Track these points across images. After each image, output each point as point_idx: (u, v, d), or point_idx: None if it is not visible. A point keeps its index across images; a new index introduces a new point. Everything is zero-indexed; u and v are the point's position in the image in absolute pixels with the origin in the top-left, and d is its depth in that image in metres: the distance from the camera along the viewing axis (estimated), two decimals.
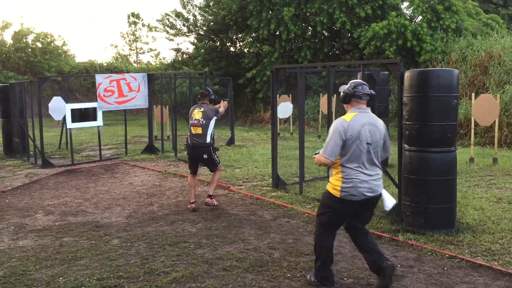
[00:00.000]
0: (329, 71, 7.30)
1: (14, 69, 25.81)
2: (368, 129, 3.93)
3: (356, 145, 3.88)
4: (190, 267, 4.60)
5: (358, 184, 3.87)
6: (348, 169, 3.91)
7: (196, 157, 6.92)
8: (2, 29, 26.42)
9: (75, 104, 11.11)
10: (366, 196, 3.91)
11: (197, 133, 6.78)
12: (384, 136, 4.06)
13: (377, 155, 4.00)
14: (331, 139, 3.94)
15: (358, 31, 17.76)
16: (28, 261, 4.86)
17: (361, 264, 4.63)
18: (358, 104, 4.03)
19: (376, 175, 3.99)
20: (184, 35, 24.34)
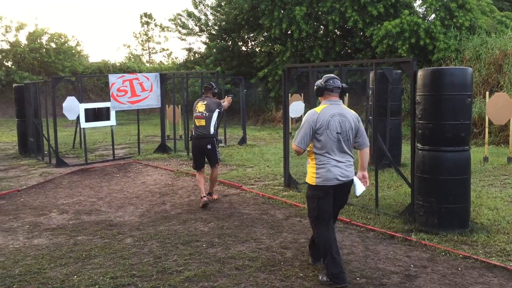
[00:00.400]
0: (341, 70, 7.28)
1: (29, 70, 26.13)
2: (338, 119, 4.21)
3: (326, 134, 4.18)
4: (202, 266, 4.62)
5: (330, 168, 4.19)
6: (321, 156, 4.23)
7: (200, 148, 7.10)
8: (17, 30, 26.74)
9: (89, 104, 11.21)
10: (339, 181, 4.22)
11: (201, 125, 7.03)
12: (356, 125, 4.29)
13: (348, 143, 4.28)
14: (302, 128, 4.24)
15: (371, 29, 17.67)
16: (43, 259, 4.91)
17: (374, 264, 4.62)
18: (330, 97, 4.31)
19: (347, 161, 4.30)
20: (196, 34, 24.44)
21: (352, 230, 5.72)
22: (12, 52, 25.85)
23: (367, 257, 4.81)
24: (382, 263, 4.65)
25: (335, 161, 4.21)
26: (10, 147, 14.07)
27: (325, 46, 19.53)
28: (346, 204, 4.71)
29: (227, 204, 7.07)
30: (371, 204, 6.63)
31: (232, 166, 10.22)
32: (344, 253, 4.91)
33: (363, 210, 6.43)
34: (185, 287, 4.18)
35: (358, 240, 5.34)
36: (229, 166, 10.19)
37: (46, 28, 27.11)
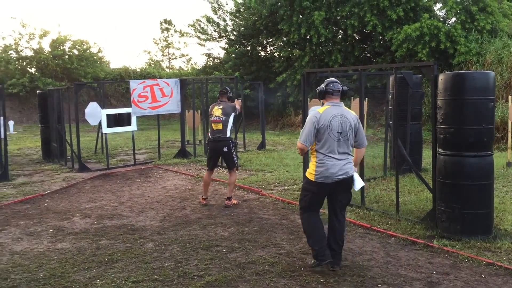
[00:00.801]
0: (361, 75, 7.25)
1: (52, 76, 26.62)
2: (339, 120, 4.51)
3: (327, 133, 4.48)
4: (223, 271, 4.65)
5: (330, 167, 4.47)
6: (321, 154, 4.51)
7: (216, 150, 7.34)
8: (41, 37, 27.28)
9: (110, 110, 11.39)
10: (338, 178, 4.49)
11: (218, 128, 7.27)
12: (355, 126, 4.59)
13: (348, 143, 4.57)
14: (306, 127, 4.56)
15: (390, 33, 17.56)
16: (67, 263, 4.99)
17: (395, 271, 4.58)
18: (331, 99, 4.63)
19: (346, 159, 4.56)
20: (215, 40, 24.60)
21: (373, 236, 5.68)
22: (36, 59, 26.38)
23: (388, 263, 4.78)
24: (404, 270, 4.61)
25: (335, 159, 4.49)
26: (34, 152, 14.36)
27: (344, 50, 19.48)
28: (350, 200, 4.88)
29: (247, 209, 7.10)
30: (392, 210, 6.58)
31: (251, 171, 10.25)
32: (365, 259, 4.89)
33: (383, 216, 6.39)
34: None
35: (379, 246, 5.30)
36: (248, 171, 10.22)
37: (68, 35, 27.62)
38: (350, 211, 6.69)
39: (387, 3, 17.31)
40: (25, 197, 8.14)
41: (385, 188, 8.12)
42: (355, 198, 7.28)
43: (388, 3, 17.37)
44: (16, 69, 25.65)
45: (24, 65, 26.53)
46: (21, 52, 26.69)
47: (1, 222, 6.69)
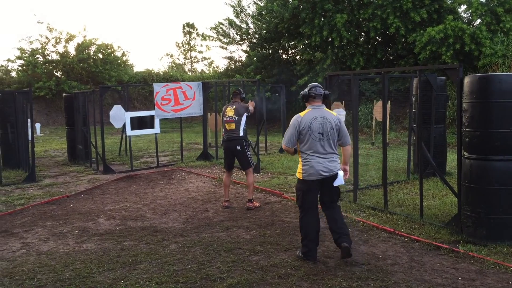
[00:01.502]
0: (384, 77, 7.19)
1: (78, 79, 27.08)
2: (319, 121, 4.84)
3: (309, 134, 4.81)
4: (245, 274, 4.66)
5: (314, 165, 4.80)
6: (306, 154, 4.86)
7: (231, 149, 7.51)
8: (67, 41, 27.78)
9: (134, 113, 11.54)
10: (323, 175, 4.82)
11: (231, 128, 7.49)
12: (337, 126, 4.91)
13: (330, 142, 4.86)
14: (288, 130, 4.93)
15: (413, 36, 17.36)
16: (92, 263, 5.07)
17: (420, 276, 4.53)
18: (314, 102, 4.99)
19: (330, 158, 4.86)
20: (237, 43, 24.69)
21: (396, 240, 5.62)
22: (62, 62, 26.87)
23: (412, 268, 4.72)
24: (428, 275, 4.55)
25: (318, 157, 4.81)
26: (60, 154, 14.64)
27: (366, 53, 19.34)
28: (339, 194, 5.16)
29: (269, 212, 7.10)
30: (416, 214, 6.50)
31: (273, 173, 10.25)
32: (388, 264, 4.85)
33: (407, 220, 6.32)
34: None
35: (402, 250, 5.25)
36: (270, 174, 10.22)
37: (94, 39, 28.04)
38: (373, 215, 6.64)
39: (410, 5, 17.13)
40: (52, 198, 8.31)
41: (409, 192, 8.03)
42: (378, 202, 7.24)
43: (411, 5, 17.18)
44: (43, 72, 26.17)
45: (51, 69, 27.04)
46: (47, 56, 27.23)
47: (28, 222, 6.85)
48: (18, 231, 6.41)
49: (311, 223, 4.97)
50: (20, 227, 6.61)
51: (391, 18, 17.57)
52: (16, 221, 6.92)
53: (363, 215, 6.72)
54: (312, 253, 4.93)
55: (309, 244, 4.94)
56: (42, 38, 27.37)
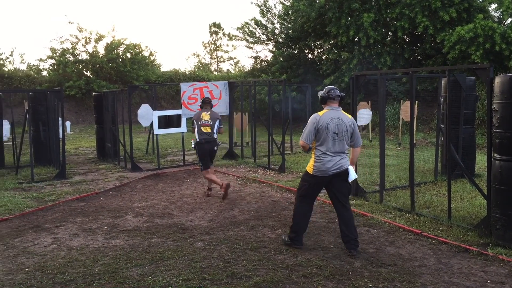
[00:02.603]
0: (411, 77, 7.11)
1: (106, 79, 27.57)
2: (336, 122, 5.14)
3: (325, 133, 5.10)
4: (271, 272, 4.68)
5: (326, 163, 5.10)
6: (319, 151, 5.15)
7: (209, 150, 8.30)
8: (96, 41, 28.30)
9: (161, 112, 11.70)
10: (333, 172, 5.11)
11: (207, 131, 8.25)
12: (351, 128, 5.22)
13: (343, 143, 5.16)
14: (307, 128, 5.20)
15: (442, 35, 17.08)
16: (120, 259, 5.17)
17: (447, 278, 4.48)
18: (332, 104, 5.27)
19: (341, 156, 5.16)
20: (263, 43, 24.73)
21: (423, 242, 5.56)
22: (92, 62, 27.40)
23: (439, 271, 4.67)
24: (456, 277, 4.49)
25: (330, 156, 5.12)
26: (89, 152, 14.95)
27: (394, 52, 19.11)
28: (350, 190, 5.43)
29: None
30: (443, 216, 6.42)
31: (298, 173, 10.25)
32: (415, 265, 4.81)
33: (434, 222, 6.24)
34: None
35: (430, 252, 5.19)
36: (295, 174, 10.23)
37: (122, 39, 28.48)
38: (399, 216, 6.59)
39: (439, 4, 16.85)
40: (81, 195, 8.51)
41: (436, 193, 7.92)
42: (405, 203, 7.17)
43: (440, 4, 16.90)
44: (73, 72, 26.73)
45: (81, 68, 27.59)
46: (78, 56, 27.80)
47: (59, 218, 7.03)
48: (49, 226, 6.59)
49: (306, 214, 5.36)
50: (51, 222, 6.79)
51: (419, 17, 17.33)
52: (48, 217, 7.12)
53: (390, 216, 6.67)
54: (299, 238, 5.37)
55: (298, 230, 5.35)
56: (72, 38, 27.96)
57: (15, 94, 23.73)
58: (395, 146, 14.76)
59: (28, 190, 9.06)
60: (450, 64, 16.55)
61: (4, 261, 5.21)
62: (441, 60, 17.94)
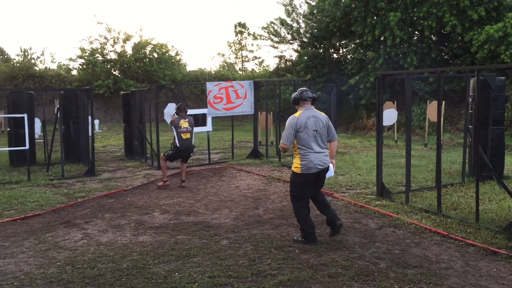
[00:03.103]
0: (439, 77, 7.03)
1: (134, 78, 27.99)
2: (313, 120, 5.45)
3: (305, 132, 5.38)
4: (295, 271, 4.71)
5: (312, 159, 5.38)
6: (304, 150, 5.41)
7: (186, 155, 9.13)
8: (124, 41, 28.76)
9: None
10: (319, 168, 5.42)
11: (187, 138, 8.92)
12: (327, 124, 5.55)
13: (323, 138, 5.49)
14: (286, 130, 5.45)
15: (470, 34, 16.78)
16: (148, 255, 5.27)
17: (475, 281, 4.43)
18: (305, 104, 5.56)
19: (324, 152, 5.49)
20: (288, 42, 24.74)
21: (450, 244, 5.51)
22: (120, 61, 27.86)
23: (467, 273, 4.62)
24: (484, 281, 4.45)
25: (315, 152, 5.40)
26: (117, 149, 15.23)
27: (420, 52, 18.86)
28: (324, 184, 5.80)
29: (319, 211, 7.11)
30: (471, 218, 6.34)
31: None
32: (442, 267, 4.77)
33: (462, 224, 6.17)
34: None
35: (457, 254, 5.14)
36: None
37: (149, 39, 28.86)
38: (425, 217, 6.53)
39: (468, 2, 16.57)
40: (110, 192, 8.69)
41: (463, 195, 7.82)
42: (431, 204, 7.10)
43: (469, 3, 16.61)
44: (102, 71, 27.22)
45: (109, 68, 28.08)
46: (106, 56, 28.31)
47: (88, 214, 7.21)
48: (79, 222, 6.76)
49: (307, 212, 5.59)
50: (81, 218, 6.97)
51: (447, 16, 17.07)
52: (77, 213, 7.30)
53: (416, 217, 6.61)
54: (312, 235, 5.53)
55: (308, 229, 5.53)
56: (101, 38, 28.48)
57: (46, 93, 24.33)
58: (421, 146, 14.59)
59: (58, 187, 9.30)
60: (478, 64, 16.25)
61: (36, 255, 5.37)
62: (469, 59, 17.63)
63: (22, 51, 38.50)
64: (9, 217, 7.01)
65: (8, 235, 6.15)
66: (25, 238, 6.01)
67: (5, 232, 6.29)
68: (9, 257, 5.31)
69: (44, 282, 4.58)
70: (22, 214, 7.16)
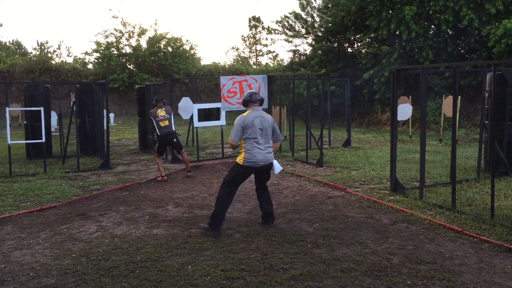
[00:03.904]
0: (455, 72, 6.94)
1: (148, 72, 28.14)
2: (259, 120, 5.93)
3: (252, 130, 5.85)
4: (308, 266, 4.72)
5: (256, 155, 5.83)
6: (249, 145, 5.86)
7: (168, 142, 9.49)
8: (139, 35, 28.90)
9: (201, 105, 11.87)
10: (261, 164, 5.87)
11: (165, 125, 9.29)
12: (272, 125, 6.04)
13: (267, 137, 5.96)
14: (235, 128, 5.90)
15: (487, 28, 16.52)
16: (161, 248, 5.33)
17: (489, 278, 4.39)
18: (253, 106, 6.05)
19: (267, 149, 5.94)
20: (302, 36, 24.63)
21: (465, 240, 5.46)
22: (135, 55, 28.02)
23: (481, 270, 4.59)
24: (499, 277, 4.40)
25: (259, 149, 5.85)
26: (132, 143, 15.35)
27: (436, 46, 18.62)
28: (269, 178, 6.22)
29: (332, 206, 7.11)
30: (486, 214, 6.28)
31: (336, 168, 10.22)
32: (455, 264, 4.74)
33: (476, 220, 6.12)
34: (291, 285, 4.29)
35: (471, 251, 5.10)
36: (333, 168, 10.19)
37: (164, 33, 28.96)
38: (439, 213, 6.49)
39: None
40: (124, 185, 8.78)
41: (479, 191, 7.74)
42: (446, 200, 7.05)
43: None
44: (117, 65, 27.42)
45: (124, 62, 28.26)
46: (121, 50, 28.49)
47: (103, 207, 7.29)
48: (94, 214, 6.84)
49: (229, 201, 5.93)
50: (96, 210, 7.05)
51: (464, 10, 16.83)
52: (92, 205, 7.39)
53: (430, 213, 6.57)
54: (218, 226, 5.78)
55: (219, 218, 5.80)
56: (116, 32, 28.65)
57: (62, 86, 24.59)
58: (436, 142, 14.45)
59: (74, 179, 9.42)
60: (495, 58, 16.01)
61: (52, 246, 5.46)
62: (486, 54, 17.38)
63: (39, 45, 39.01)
64: (26, 209, 7.13)
65: (24, 227, 6.25)
66: (41, 230, 6.11)
67: (22, 224, 6.40)
68: (25, 248, 5.41)
69: (60, 273, 4.66)
70: (38, 206, 7.28)
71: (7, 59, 28.54)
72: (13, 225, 6.36)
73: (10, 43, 41.44)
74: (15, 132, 16.02)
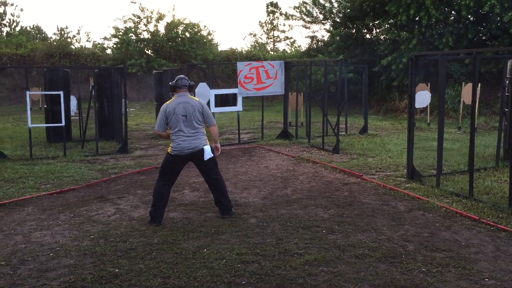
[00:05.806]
0: (475, 58, 6.82)
1: (166, 57, 28.20)
2: (182, 106, 5.73)
3: (174, 117, 5.71)
4: (322, 251, 4.75)
5: (181, 143, 5.72)
6: (174, 134, 5.76)
7: None
8: (157, 21, 28.95)
9: (218, 90, 11.89)
10: (189, 151, 5.73)
11: None
12: (199, 110, 5.78)
13: (193, 122, 5.74)
14: (158, 117, 5.87)
15: (510, 14, 16.11)
16: (177, 231, 5.41)
17: (505, 266, 4.37)
18: (180, 91, 5.85)
19: (195, 136, 5.76)
20: (320, 22, 24.37)
21: (481, 228, 5.43)
22: (153, 41, 28.10)
23: (497, 258, 4.56)
24: None
25: (184, 136, 5.71)
26: (149, 128, 15.47)
27: (456, 33, 18.25)
28: (212, 168, 5.97)
29: (347, 192, 7.11)
30: (504, 202, 6.22)
31: (352, 154, 10.18)
32: (471, 252, 4.72)
33: (494, 208, 6.06)
34: (305, 270, 4.33)
35: (487, 239, 5.07)
36: (349, 155, 10.16)
37: (182, 19, 28.95)
38: (456, 201, 6.44)
39: None
40: (142, 169, 8.89)
41: (497, 180, 7.65)
42: (463, 188, 6.99)
43: None
44: (135, 50, 27.53)
45: (142, 47, 28.36)
46: (139, 35, 28.59)
47: (121, 190, 7.41)
48: (112, 197, 6.96)
49: (165, 189, 5.82)
50: (114, 193, 7.17)
51: None
52: (111, 188, 7.51)
53: (446, 201, 6.53)
54: (158, 214, 5.73)
55: (158, 206, 5.74)
56: (135, 18, 28.72)
57: (81, 71, 24.81)
58: (454, 130, 14.28)
59: (93, 163, 9.57)
60: None
61: (71, 228, 5.59)
62: (507, 41, 16.99)
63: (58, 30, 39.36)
64: (46, 191, 7.28)
65: (44, 208, 6.40)
66: (61, 212, 6.24)
67: (42, 205, 6.55)
68: (45, 229, 5.54)
69: (78, 254, 4.77)
70: (58, 188, 7.43)
71: (28, 44, 28.86)
72: (33, 206, 6.51)
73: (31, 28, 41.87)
74: (36, 115, 16.25)
